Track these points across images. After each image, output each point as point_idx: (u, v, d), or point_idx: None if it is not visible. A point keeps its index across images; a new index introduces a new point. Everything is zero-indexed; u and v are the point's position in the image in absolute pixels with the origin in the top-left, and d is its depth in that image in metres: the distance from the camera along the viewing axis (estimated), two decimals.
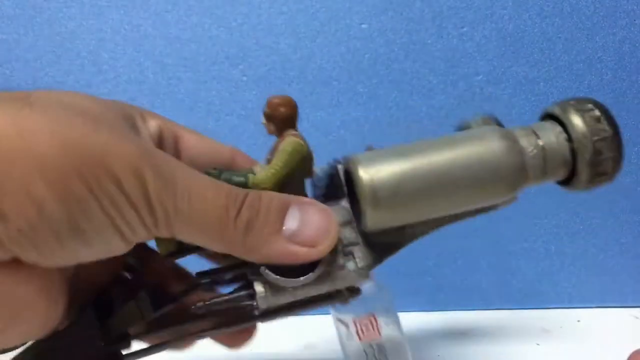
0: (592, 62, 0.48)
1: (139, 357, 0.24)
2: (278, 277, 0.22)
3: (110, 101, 0.23)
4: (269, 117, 0.25)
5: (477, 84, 0.48)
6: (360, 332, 0.25)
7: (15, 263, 0.18)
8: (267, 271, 0.22)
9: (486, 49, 0.48)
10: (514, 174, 0.23)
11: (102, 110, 0.21)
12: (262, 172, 0.24)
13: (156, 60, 0.48)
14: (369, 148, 0.25)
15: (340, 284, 0.23)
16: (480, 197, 0.23)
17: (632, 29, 0.48)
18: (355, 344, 0.25)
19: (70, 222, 0.18)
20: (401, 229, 0.23)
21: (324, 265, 0.22)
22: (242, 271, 0.24)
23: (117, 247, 0.20)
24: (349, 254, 0.23)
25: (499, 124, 0.27)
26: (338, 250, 0.23)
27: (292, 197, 0.22)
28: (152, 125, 0.25)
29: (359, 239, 0.23)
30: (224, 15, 0.48)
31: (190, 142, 0.26)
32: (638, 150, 0.50)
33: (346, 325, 0.25)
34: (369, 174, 0.22)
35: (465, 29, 0.48)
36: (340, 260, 0.23)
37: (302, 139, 0.24)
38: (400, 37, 0.48)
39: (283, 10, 0.47)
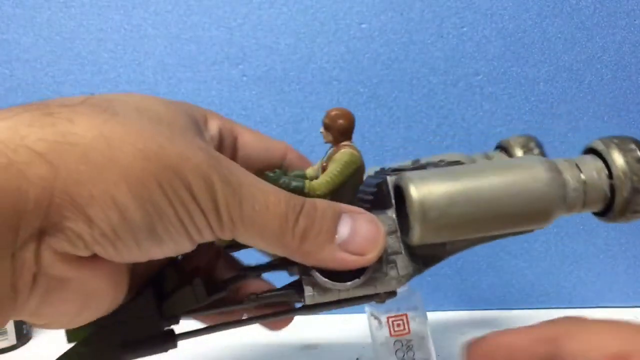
0: (592, 62, 0.48)
1: (191, 337, 0.26)
2: (327, 280, 0.23)
3: (179, 104, 0.24)
4: (328, 128, 0.27)
5: (477, 84, 0.48)
6: (392, 328, 0.27)
7: (93, 258, 0.20)
8: (317, 274, 0.23)
9: (486, 49, 0.48)
10: (555, 205, 0.24)
11: (174, 116, 0.22)
12: (319, 179, 0.26)
13: (156, 60, 0.48)
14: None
15: (380, 289, 0.25)
16: (522, 223, 0.24)
17: (632, 29, 0.48)
18: (386, 337, 0.27)
19: (148, 226, 0.20)
20: (442, 244, 0.25)
21: (370, 272, 0.24)
22: (292, 268, 0.26)
23: (184, 247, 0.22)
24: (392, 262, 0.25)
25: (539, 145, 0.30)
26: (382, 259, 0.24)
27: (344, 206, 0.24)
28: (214, 126, 0.26)
29: (402, 249, 0.25)
30: (224, 15, 0.48)
31: (247, 139, 0.28)
32: None
33: (379, 321, 0.27)
34: (420, 193, 0.23)
35: (465, 29, 0.48)
36: (384, 267, 0.24)
37: (357, 150, 0.26)
38: (400, 37, 0.48)
39: (283, 10, 0.47)
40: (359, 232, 0.23)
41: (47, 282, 0.19)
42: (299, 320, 0.28)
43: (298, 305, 0.27)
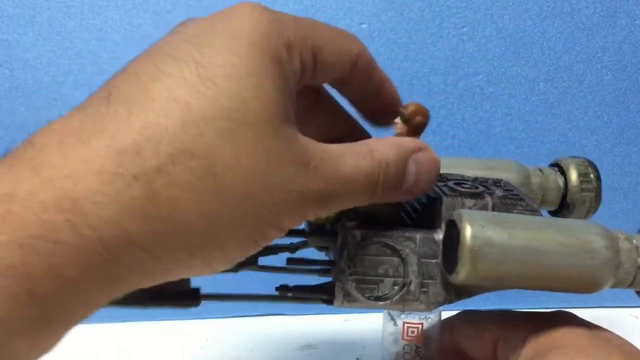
0: (592, 62, 0.48)
1: (214, 299, 0.26)
2: (360, 295, 0.24)
3: (268, 51, 0.22)
4: (406, 121, 0.27)
5: (477, 84, 0.48)
6: (406, 333, 0.28)
7: None
8: (352, 287, 0.24)
9: (486, 49, 0.48)
10: (604, 282, 0.24)
11: (264, 104, 0.20)
12: None
13: None
14: None
15: (408, 309, 0.26)
16: (567, 289, 0.24)
17: (632, 29, 0.48)
18: (398, 340, 0.28)
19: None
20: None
21: (402, 292, 0.25)
22: (327, 253, 0.27)
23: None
24: (425, 287, 0.25)
25: (596, 171, 0.31)
26: (417, 283, 0.25)
27: (409, 146, 0.24)
28: (296, 61, 0.24)
29: (438, 276, 0.25)
30: None
31: (323, 58, 0.26)
32: (638, 150, 0.50)
33: (395, 323, 0.28)
34: (475, 242, 0.22)
35: (465, 29, 0.48)
36: (417, 292, 0.25)
37: None
38: (400, 37, 0.48)
39: (283, 10, 0.47)
40: (421, 178, 0.24)
41: None
42: (299, 320, 0.28)
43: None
